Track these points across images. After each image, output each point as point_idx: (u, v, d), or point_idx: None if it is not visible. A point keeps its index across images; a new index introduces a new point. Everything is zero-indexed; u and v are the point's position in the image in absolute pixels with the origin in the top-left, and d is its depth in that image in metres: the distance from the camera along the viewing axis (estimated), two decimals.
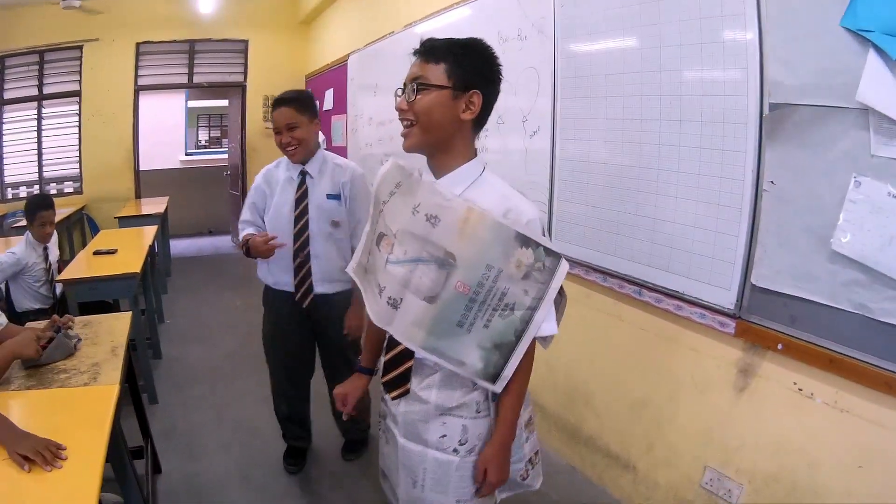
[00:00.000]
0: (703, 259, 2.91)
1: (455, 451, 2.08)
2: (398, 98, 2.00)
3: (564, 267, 1.92)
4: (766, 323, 2.66)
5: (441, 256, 1.92)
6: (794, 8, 2.41)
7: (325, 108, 9.35)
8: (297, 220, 3.58)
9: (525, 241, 1.88)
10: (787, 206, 2.51)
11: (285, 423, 4.03)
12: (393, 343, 2.10)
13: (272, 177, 3.71)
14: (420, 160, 2.09)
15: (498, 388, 1.98)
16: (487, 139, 4.56)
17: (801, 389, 2.56)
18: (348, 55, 8.20)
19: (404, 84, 1.99)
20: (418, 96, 1.92)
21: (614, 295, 3.57)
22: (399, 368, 2.11)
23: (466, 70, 1.93)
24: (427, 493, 2.13)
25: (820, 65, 2.32)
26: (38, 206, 4.96)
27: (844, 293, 2.31)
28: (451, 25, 5.17)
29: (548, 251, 1.90)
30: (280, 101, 3.49)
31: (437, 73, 1.92)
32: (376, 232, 2.13)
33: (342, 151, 8.53)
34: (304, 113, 3.51)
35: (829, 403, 2.45)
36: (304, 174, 3.61)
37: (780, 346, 2.59)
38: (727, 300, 2.81)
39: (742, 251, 2.71)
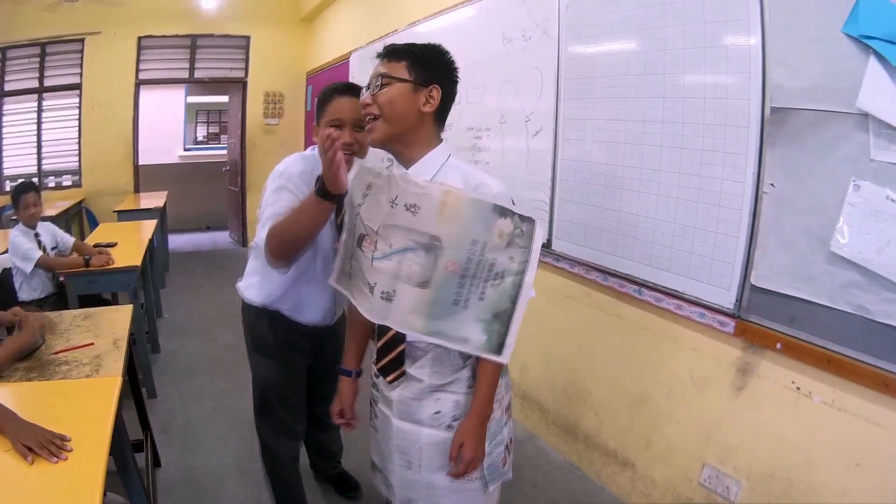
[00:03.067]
0: (703, 259, 2.93)
1: (449, 427, 2.13)
2: (363, 95, 2.12)
3: (540, 229, 2.00)
4: (766, 322, 2.68)
5: (426, 242, 1.99)
6: (797, 14, 2.44)
7: None
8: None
9: (502, 211, 1.96)
10: (787, 208, 2.53)
11: (295, 491, 3.36)
12: (384, 329, 2.16)
13: (309, 181, 2.61)
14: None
15: (505, 358, 2.03)
16: (489, 138, 4.59)
17: (799, 388, 2.58)
18: (350, 53, 8.19)
19: (369, 83, 2.10)
20: (382, 90, 2.04)
21: (614, 294, 3.59)
22: (392, 353, 2.17)
23: (426, 66, 2.06)
24: (423, 474, 2.18)
25: (822, 70, 2.35)
26: (20, 191, 4.96)
27: (843, 294, 2.33)
28: (454, 25, 5.18)
29: (522, 217, 1.98)
30: (348, 90, 2.70)
31: (399, 69, 2.04)
32: (356, 235, 2.20)
33: None
34: None
35: (826, 402, 2.47)
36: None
37: (778, 346, 2.61)
38: (727, 300, 2.83)
39: (742, 252, 2.74)
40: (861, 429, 2.36)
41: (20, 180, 5.66)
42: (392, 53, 2.08)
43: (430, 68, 2.06)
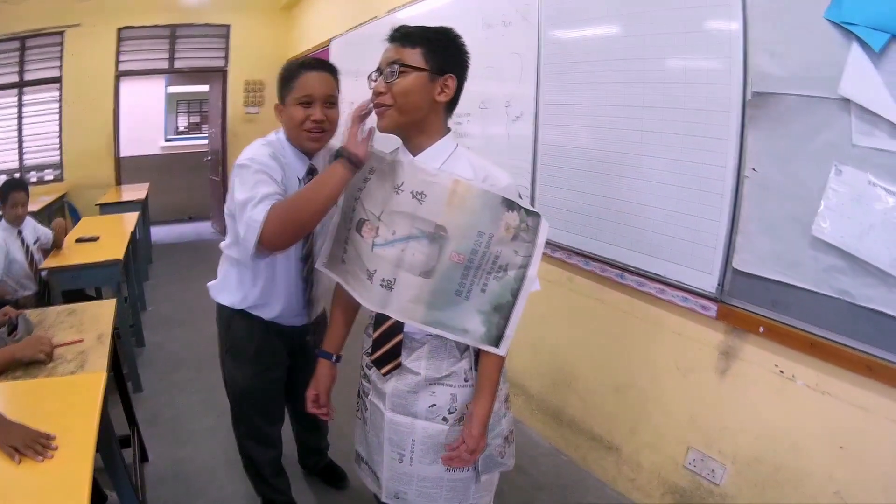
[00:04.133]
0: (684, 243, 2.95)
1: (444, 419, 2.13)
2: (373, 81, 2.05)
3: (545, 224, 2.00)
4: (748, 307, 2.70)
5: (431, 231, 1.98)
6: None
7: None
8: None
9: (510, 204, 1.96)
10: (769, 192, 2.54)
11: (275, 487, 3.31)
12: (381, 319, 2.15)
13: (280, 164, 2.53)
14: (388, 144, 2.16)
15: (502, 350, 2.06)
16: (470, 124, 4.57)
17: (782, 372, 2.60)
18: (330, 40, 8.16)
19: (379, 68, 2.03)
20: (397, 79, 1.96)
21: (596, 278, 3.59)
22: (389, 343, 2.15)
23: (442, 54, 2.00)
24: (415, 466, 2.17)
25: (804, 56, 2.35)
26: (10, 188, 4.88)
27: (826, 279, 2.34)
28: (434, 11, 5.17)
29: (528, 211, 1.98)
30: (316, 65, 2.60)
31: (415, 56, 1.97)
32: (354, 220, 2.17)
33: None
34: (339, 89, 2.67)
35: (810, 386, 2.49)
36: (312, 172, 2.68)
37: (761, 330, 2.63)
38: (709, 284, 2.84)
39: (724, 236, 2.75)
40: (846, 412, 2.38)
41: (3, 177, 5.59)
42: (406, 38, 2.00)
43: (446, 56, 2.01)
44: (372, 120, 2.09)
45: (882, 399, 2.25)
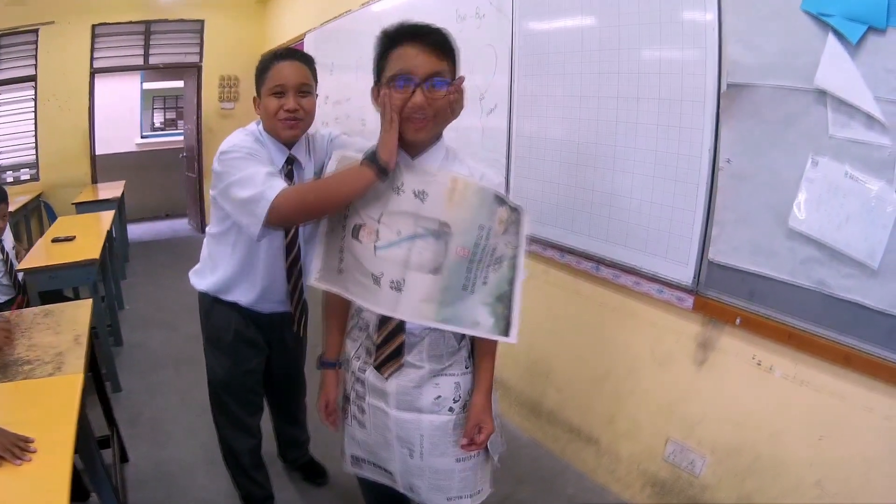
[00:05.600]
0: (660, 235, 2.96)
1: (450, 409, 2.18)
2: (401, 89, 1.91)
3: (527, 216, 2.02)
4: (725, 298, 2.71)
5: (436, 228, 1.99)
6: None
7: None
8: None
9: (501, 200, 1.99)
10: (744, 183, 2.55)
11: (254, 479, 3.32)
12: (383, 321, 2.14)
13: (263, 150, 2.58)
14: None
15: (513, 338, 2.04)
16: None
17: (760, 363, 2.62)
18: (304, 34, 8.13)
19: (409, 76, 1.89)
20: (440, 91, 1.91)
21: (571, 271, 3.61)
22: (391, 346, 2.14)
23: (456, 65, 2.00)
24: (426, 459, 2.20)
25: (780, 46, 2.36)
26: None
27: (803, 270, 2.36)
28: (408, 3, 5.15)
29: (512, 207, 2.00)
30: (288, 55, 2.62)
31: (451, 68, 1.96)
32: (348, 227, 2.13)
33: None
34: (314, 78, 2.68)
35: (788, 377, 2.51)
36: (291, 162, 2.70)
37: (738, 321, 2.65)
38: (685, 275, 2.86)
39: (699, 227, 2.76)
40: (823, 402, 2.40)
41: None
42: (443, 47, 1.94)
43: (458, 64, 2.01)
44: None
45: (859, 388, 2.28)
